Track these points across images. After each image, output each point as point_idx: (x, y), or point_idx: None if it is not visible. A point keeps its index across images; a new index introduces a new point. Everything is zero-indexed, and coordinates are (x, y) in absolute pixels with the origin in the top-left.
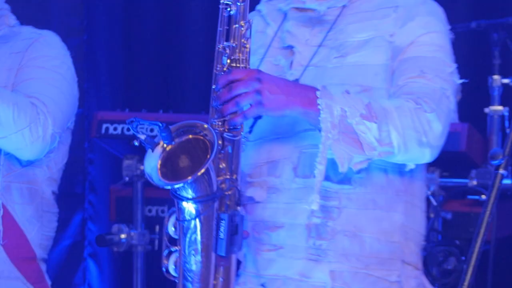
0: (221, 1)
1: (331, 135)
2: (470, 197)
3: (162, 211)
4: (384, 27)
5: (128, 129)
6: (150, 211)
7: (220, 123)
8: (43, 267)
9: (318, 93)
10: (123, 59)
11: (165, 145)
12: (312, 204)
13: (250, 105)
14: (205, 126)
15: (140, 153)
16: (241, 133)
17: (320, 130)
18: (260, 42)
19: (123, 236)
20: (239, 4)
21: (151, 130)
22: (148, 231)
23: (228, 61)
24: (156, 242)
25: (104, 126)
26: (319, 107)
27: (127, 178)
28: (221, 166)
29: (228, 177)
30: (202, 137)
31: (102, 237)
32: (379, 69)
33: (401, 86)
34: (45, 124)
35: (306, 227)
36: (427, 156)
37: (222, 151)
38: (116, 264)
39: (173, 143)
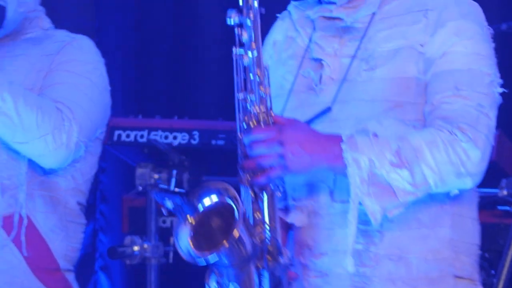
0: (234, 53)
1: (359, 191)
2: (500, 207)
3: None
4: (414, 35)
5: (142, 136)
6: (164, 222)
7: (248, 176)
8: (70, 276)
9: (343, 145)
10: (136, 63)
11: (191, 217)
12: (348, 267)
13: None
14: (227, 187)
15: (154, 161)
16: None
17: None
18: (291, 51)
19: (136, 248)
20: (251, 52)
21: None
22: (162, 243)
23: (247, 119)
24: (171, 254)
25: (117, 133)
26: (345, 161)
27: (140, 187)
28: (256, 217)
29: (265, 227)
30: (227, 198)
31: (114, 249)
32: (411, 83)
33: (435, 107)
34: (70, 131)
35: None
36: (468, 184)
37: (256, 202)
38: (128, 278)
39: (199, 211)
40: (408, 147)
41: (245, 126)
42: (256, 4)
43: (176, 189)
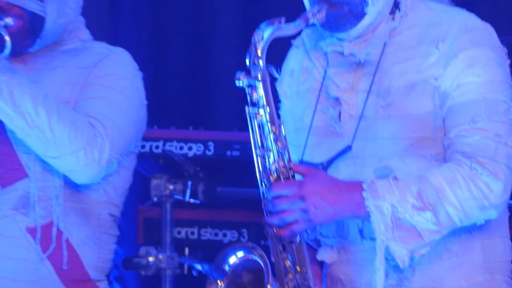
0: (247, 111)
1: (385, 237)
2: None
3: (192, 233)
4: (427, 69)
5: (157, 147)
6: (179, 233)
7: (274, 229)
8: (102, 285)
9: (364, 194)
10: (151, 74)
11: (221, 281)
12: None
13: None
14: (251, 245)
15: (169, 171)
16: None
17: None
18: (308, 84)
19: (151, 259)
20: (264, 110)
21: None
22: (177, 254)
23: (267, 175)
24: (185, 265)
25: None
26: (367, 209)
27: (155, 198)
28: (286, 265)
29: (297, 275)
30: (253, 255)
31: (129, 260)
32: (428, 118)
33: (453, 141)
34: (102, 147)
35: None
36: (493, 215)
37: (284, 252)
38: None
39: (227, 273)
40: (429, 188)
41: (266, 181)
42: (262, 63)
43: (191, 200)
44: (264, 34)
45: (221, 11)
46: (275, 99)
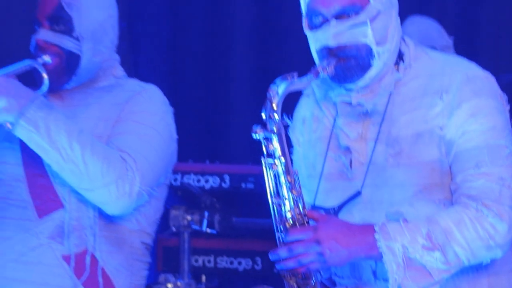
0: (263, 162)
1: (397, 276)
2: None
3: (209, 261)
4: (433, 119)
5: (175, 180)
6: (196, 261)
7: (291, 272)
8: None
9: (376, 236)
10: None
11: None
12: None
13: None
14: None
15: (187, 203)
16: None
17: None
18: (319, 133)
19: (170, 285)
20: (280, 161)
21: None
22: (195, 281)
23: (283, 221)
24: None
25: None
26: (380, 250)
27: (174, 228)
28: None
29: None
30: None
31: (149, 286)
32: (435, 165)
33: (459, 186)
34: (132, 181)
35: None
36: (499, 254)
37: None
38: None
39: None
40: (438, 229)
41: (282, 228)
42: (277, 117)
43: (208, 230)
44: (279, 89)
45: (238, 48)
46: (288, 145)
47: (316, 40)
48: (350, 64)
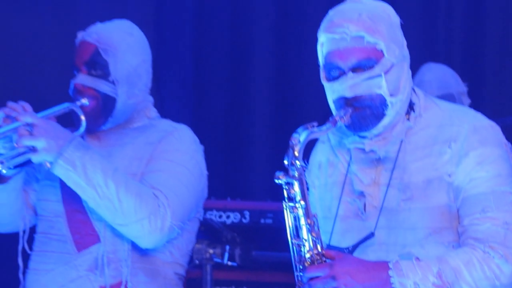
0: (284, 206)
1: None
2: None
3: None
4: (442, 167)
5: None
6: None
7: None
8: None
9: (390, 272)
10: None
11: None
12: None
13: None
14: None
15: (209, 237)
16: None
17: None
18: (334, 178)
19: None
20: (300, 204)
21: None
22: None
23: (302, 261)
24: None
25: None
26: (393, 286)
27: (197, 261)
28: None
29: None
30: None
31: None
32: (444, 210)
33: (467, 229)
34: (164, 216)
35: None
36: None
37: None
38: None
39: None
40: (447, 268)
41: (301, 267)
42: (299, 163)
43: (229, 263)
44: (301, 138)
45: (258, 89)
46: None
47: (333, 91)
48: (365, 113)
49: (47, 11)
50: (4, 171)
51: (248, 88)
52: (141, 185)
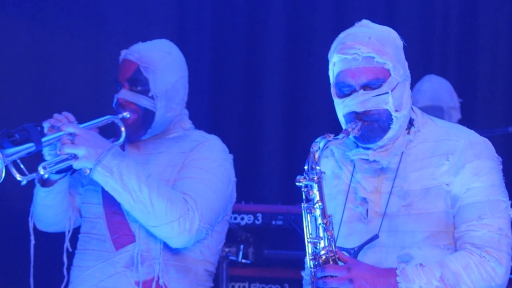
0: (303, 207)
1: None
2: None
3: (244, 287)
4: (440, 176)
5: None
6: (233, 287)
7: None
8: None
9: (398, 278)
10: None
11: None
12: None
13: None
14: None
15: (225, 238)
16: None
17: None
18: (339, 188)
19: None
20: (318, 204)
21: None
22: None
23: (317, 257)
24: None
25: None
26: None
27: None
28: None
29: None
30: None
31: None
32: (442, 215)
33: (463, 234)
34: (192, 219)
35: None
36: None
37: None
38: None
39: None
40: (449, 272)
41: (316, 263)
42: (318, 168)
43: (243, 260)
44: (320, 145)
45: (271, 99)
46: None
47: (344, 106)
48: (373, 126)
49: (79, 31)
50: (45, 176)
51: (261, 98)
52: (172, 190)
